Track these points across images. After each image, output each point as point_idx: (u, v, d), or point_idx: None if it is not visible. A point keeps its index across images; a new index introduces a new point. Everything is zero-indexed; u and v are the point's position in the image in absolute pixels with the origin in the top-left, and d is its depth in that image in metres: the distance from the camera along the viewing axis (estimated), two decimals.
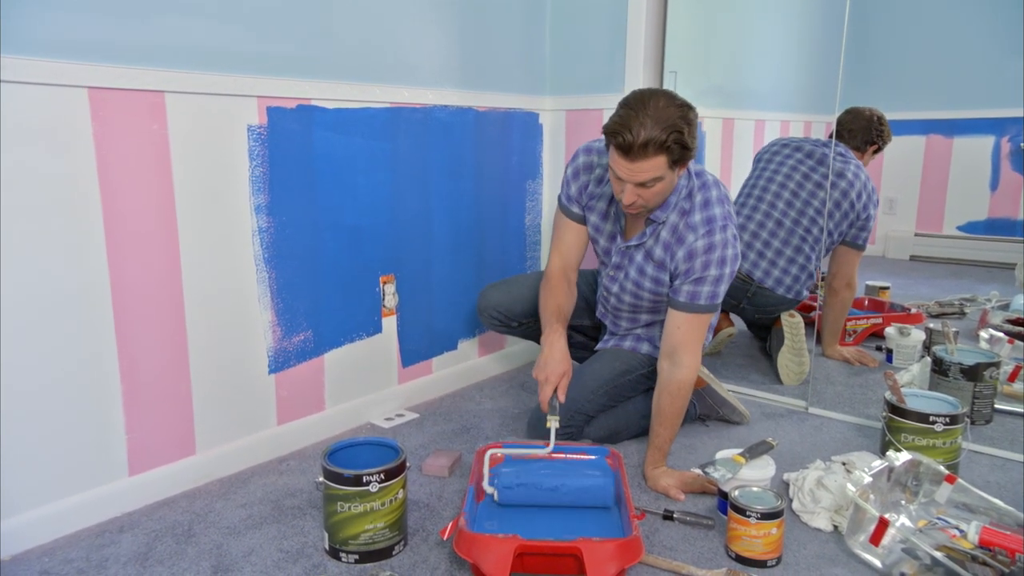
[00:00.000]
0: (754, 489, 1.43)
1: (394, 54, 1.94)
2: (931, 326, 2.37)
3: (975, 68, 2.33)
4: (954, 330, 2.08)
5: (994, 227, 2.43)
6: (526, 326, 1.97)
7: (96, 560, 1.38)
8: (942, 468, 1.48)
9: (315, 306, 1.86)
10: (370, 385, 2.05)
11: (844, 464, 1.59)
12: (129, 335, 1.52)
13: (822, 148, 2.31)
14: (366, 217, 1.94)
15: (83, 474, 1.49)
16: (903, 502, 1.47)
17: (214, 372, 1.68)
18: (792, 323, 2.26)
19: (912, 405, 1.70)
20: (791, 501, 1.55)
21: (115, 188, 1.45)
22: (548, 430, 1.57)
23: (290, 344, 1.82)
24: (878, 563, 1.33)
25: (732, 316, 2.53)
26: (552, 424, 1.57)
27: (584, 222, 1.79)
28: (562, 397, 1.62)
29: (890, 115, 2.40)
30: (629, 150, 1.44)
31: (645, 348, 1.85)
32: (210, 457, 1.69)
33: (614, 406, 1.85)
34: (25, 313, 1.36)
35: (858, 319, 2.51)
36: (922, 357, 2.24)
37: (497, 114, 2.27)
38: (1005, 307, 2.49)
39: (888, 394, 1.73)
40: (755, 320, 2.53)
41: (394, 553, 1.38)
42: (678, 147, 1.45)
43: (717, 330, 2.47)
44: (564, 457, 1.61)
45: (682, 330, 1.62)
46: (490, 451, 1.55)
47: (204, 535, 1.46)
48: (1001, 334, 2.24)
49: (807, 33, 2.66)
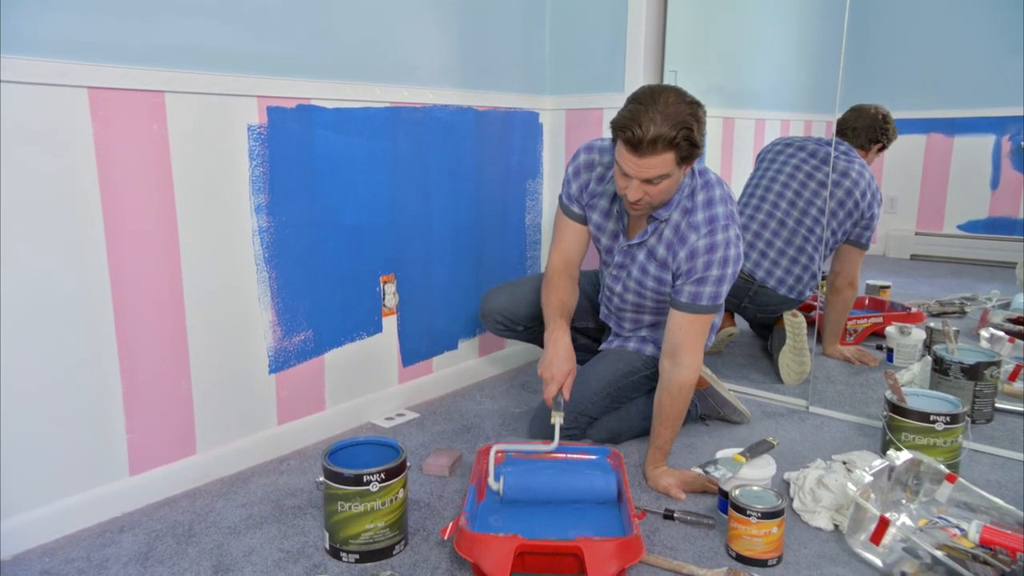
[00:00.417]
0: (755, 488, 1.43)
1: (394, 54, 1.94)
2: (932, 325, 2.37)
3: (976, 67, 2.33)
4: (955, 329, 2.08)
5: (995, 226, 2.43)
6: (531, 330, 1.96)
7: (97, 560, 1.38)
8: (943, 467, 1.48)
9: (315, 306, 1.86)
10: (370, 385, 2.05)
11: (845, 463, 1.59)
12: (129, 335, 1.52)
13: (825, 147, 2.30)
14: (366, 217, 1.94)
15: (84, 474, 1.49)
16: (904, 501, 1.47)
17: (214, 372, 1.68)
18: (794, 322, 2.26)
19: (913, 404, 1.70)
20: (792, 500, 1.55)
21: (115, 188, 1.45)
22: (552, 427, 1.57)
23: (290, 344, 1.82)
24: (879, 562, 1.33)
25: (734, 316, 2.53)
26: (556, 420, 1.57)
27: (585, 222, 1.78)
28: (567, 394, 1.61)
29: (891, 114, 2.40)
30: (638, 145, 1.43)
31: (649, 349, 1.84)
32: (210, 457, 1.69)
33: (617, 407, 1.84)
34: (25, 313, 1.37)
35: (859, 318, 2.51)
36: (923, 356, 2.24)
37: (497, 113, 2.27)
38: (1006, 306, 2.48)
39: (889, 393, 1.73)
40: (757, 319, 2.53)
41: (394, 553, 1.38)
42: (687, 144, 1.44)
43: (718, 329, 2.47)
44: (565, 457, 1.62)
45: (684, 330, 1.61)
46: (495, 447, 1.55)
47: (205, 535, 1.46)
48: (1002, 333, 2.24)
49: (807, 32, 2.66)
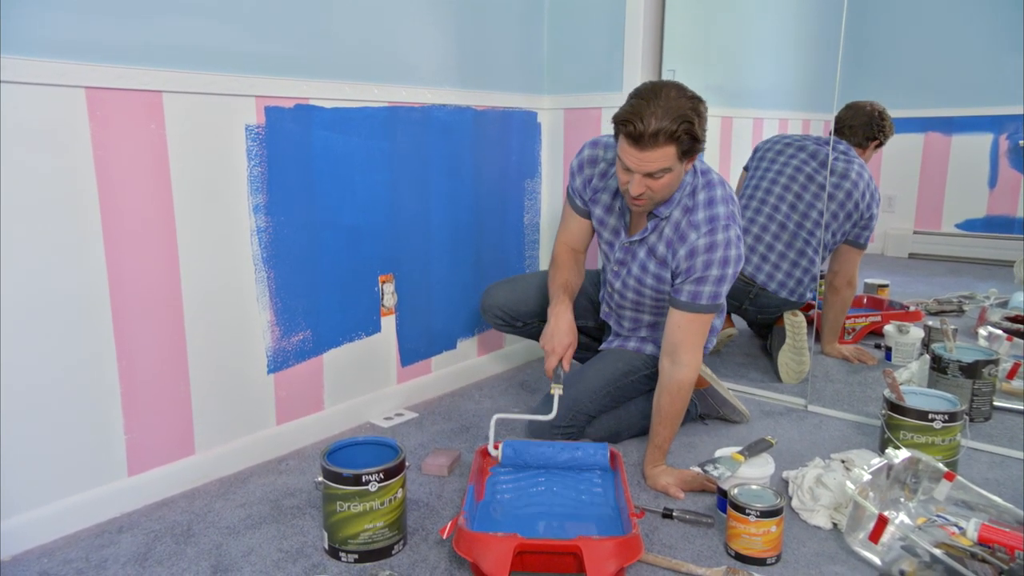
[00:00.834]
0: (753, 487, 1.43)
1: (392, 53, 1.94)
2: (930, 324, 2.37)
3: (974, 65, 2.33)
4: (953, 328, 2.08)
5: (993, 224, 2.43)
6: (529, 326, 1.97)
7: (95, 560, 1.38)
8: (941, 465, 1.48)
9: (314, 306, 1.86)
10: (369, 384, 2.05)
11: (843, 462, 1.60)
12: (128, 335, 1.51)
13: (824, 148, 2.30)
14: (365, 216, 1.94)
15: (82, 474, 1.49)
16: (902, 499, 1.47)
17: (213, 372, 1.67)
18: (794, 322, 2.26)
19: (911, 403, 1.70)
20: (790, 499, 1.55)
21: (113, 188, 1.45)
22: (552, 397, 1.60)
23: (289, 344, 1.82)
24: (877, 560, 1.33)
25: (733, 316, 2.53)
26: (556, 391, 1.59)
27: (588, 216, 1.79)
28: (567, 367, 1.63)
29: (889, 112, 2.40)
30: (640, 139, 1.44)
31: (649, 349, 1.85)
32: (209, 457, 1.69)
33: (616, 406, 1.85)
34: (24, 313, 1.36)
35: (857, 317, 2.51)
36: (921, 355, 2.24)
37: (496, 113, 2.27)
38: (1004, 304, 2.48)
39: (887, 392, 1.73)
40: (757, 320, 2.53)
41: (393, 552, 1.38)
42: (688, 138, 1.45)
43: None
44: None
45: (683, 329, 1.62)
46: (496, 415, 1.60)
47: (203, 535, 1.46)
48: (1000, 331, 2.24)
49: (805, 31, 2.66)
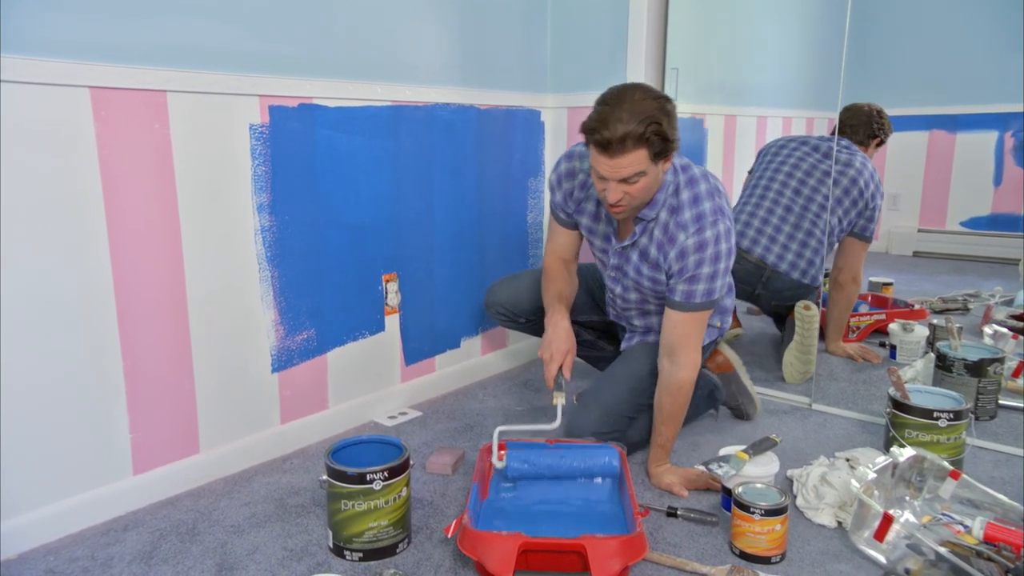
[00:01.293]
0: (758, 486, 1.43)
1: (395, 52, 1.94)
2: (935, 322, 2.36)
3: (978, 63, 2.33)
4: (958, 326, 2.08)
5: (997, 223, 2.43)
6: (532, 322, 1.96)
7: (101, 559, 1.38)
8: (946, 464, 1.47)
9: (318, 305, 1.86)
10: (373, 383, 2.05)
11: (848, 460, 1.59)
12: (132, 334, 1.52)
13: (828, 142, 2.31)
14: (368, 215, 1.94)
15: (87, 473, 1.49)
16: (907, 498, 1.47)
17: (217, 371, 1.68)
18: (807, 316, 2.21)
19: (916, 401, 1.70)
20: (795, 497, 1.55)
21: (117, 187, 1.45)
22: (555, 407, 1.58)
23: (293, 343, 1.82)
24: (882, 559, 1.33)
25: (740, 317, 2.52)
26: (558, 401, 1.58)
27: (575, 227, 1.78)
28: (567, 374, 1.62)
29: (892, 111, 2.39)
30: (608, 146, 1.42)
31: None
32: (214, 456, 1.69)
33: (651, 403, 1.82)
34: (29, 312, 1.37)
35: (862, 315, 2.50)
36: (926, 353, 2.23)
37: (499, 112, 2.27)
38: (1009, 303, 2.48)
39: (892, 390, 1.73)
40: (772, 308, 2.48)
41: (398, 551, 1.38)
42: (658, 139, 1.42)
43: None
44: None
45: (679, 329, 1.61)
46: (499, 428, 1.56)
47: (208, 534, 1.46)
48: (1005, 329, 2.24)
49: (809, 29, 2.66)
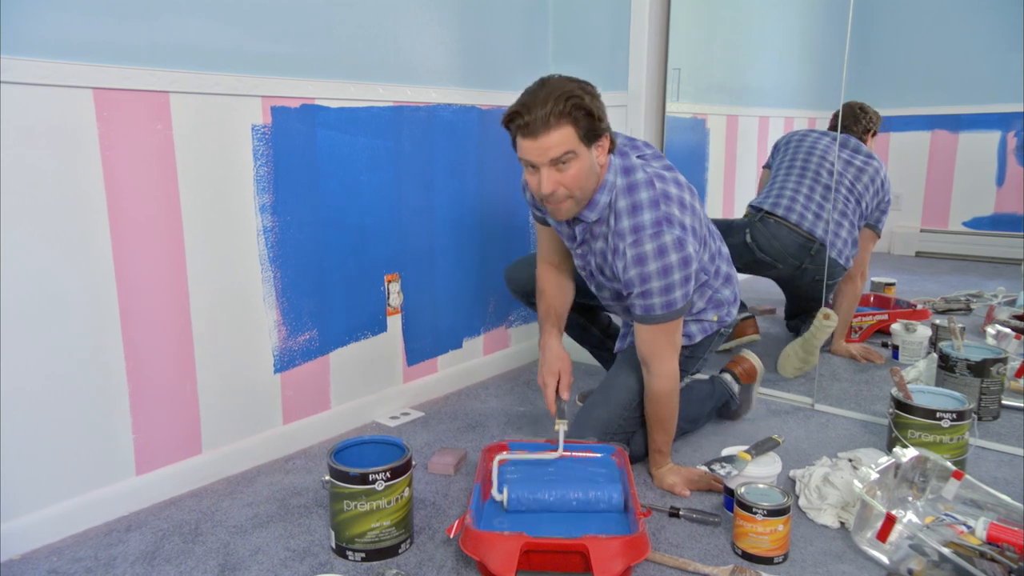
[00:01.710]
0: (760, 486, 1.43)
1: (397, 53, 1.94)
2: (937, 322, 2.36)
3: (980, 62, 2.32)
4: (960, 326, 2.08)
5: (1000, 222, 2.42)
6: None
7: (104, 559, 1.38)
8: (949, 464, 1.47)
9: (320, 305, 1.86)
10: (375, 384, 2.05)
11: (851, 461, 1.59)
12: (135, 335, 1.52)
13: (844, 136, 2.34)
14: (370, 216, 1.94)
15: (90, 474, 1.49)
16: (910, 498, 1.46)
17: (220, 372, 1.68)
18: (824, 325, 2.17)
19: (919, 401, 1.69)
20: (797, 498, 1.55)
21: (120, 188, 1.46)
22: (556, 433, 1.57)
23: (295, 343, 1.82)
24: (885, 559, 1.33)
25: (758, 322, 2.53)
26: (560, 427, 1.57)
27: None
28: (565, 395, 1.63)
29: (895, 110, 2.40)
30: (530, 127, 1.38)
31: None
32: (216, 456, 1.70)
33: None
34: (33, 314, 1.37)
35: (864, 315, 2.50)
36: (928, 353, 2.23)
37: (501, 112, 2.26)
38: (1011, 303, 2.47)
39: (894, 390, 1.73)
40: (809, 290, 2.39)
41: (400, 551, 1.39)
42: (582, 114, 1.39)
43: (740, 334, 2.46)
44: (571, 456, 1.60)
45: (648, 343, 1.57)
46: (498, 456, 1.54)
47: (211, 534, 1.47)
48: (1008, 330, 2.23)
49: (810, 29, 2.65)
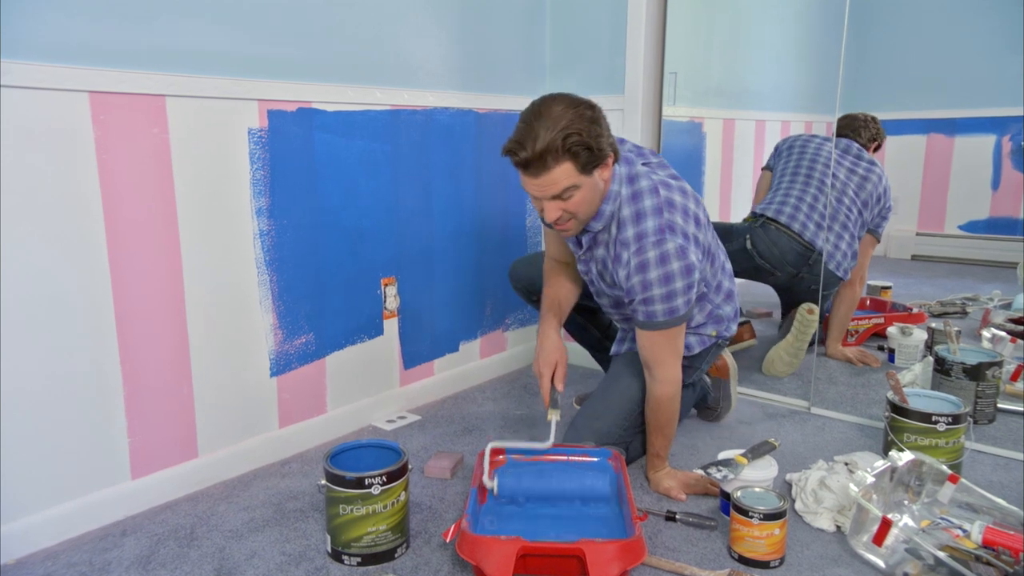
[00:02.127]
0: (756, 490, 1.43)
1: (394, 56, 1.95)
2: (933, 326, 2.36)
3: (976, 66, 2.33)
4: (956, 329, 2.08)
5: (996, 226, 2.43)
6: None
7: (99, 563, 1.38)
8: (945, 468, 1.47)
9: (316, 309, 1.86)
10: (372, 387, 2.05)
11: (847, 464, 1.59)
12: (131, 339, 1.52)
13: (846, 142, 2.36)
14: (367, 219, 1.94)
15: (85, 478, 1.49)
16: (906, 502, 1.47)
17: (216, 375, 1.68)
18: (808, 320, 2.20)
19: (915, 405, 1.70)
20: (794, 502, 1.55)
21: (116, 192, 1.45)
22: (549, 423, 1.57)
23: (291, 347, 1.82)
24: (881, 563, 1.33)
25: (755, 326, 2.53)
26: (553, 417, 1.58)
27: None
28: (560, 386, 1.63)
29: (891, 114, 2.40)
30: (528, 166, 1.36)
31: None
32: (212, 460, 1.69)
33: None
34: (28, 317, 1.37)
35: (860, 319, 2.50)
36: (924, 357, 2.24)
37: (498, 116, 2.27)
38: (1007, 306, 2.48)
39: (890, 394, 1.73)
40: (805, 295, 2.41)
41: (396, 555, 1.38)
42: (581, 149, 1.35)
43: (737, 339, 2.46)
44: (567, 460, 1.60)
45: (650, 348, 1.57)
46: (491, 444, 1.54)
47: (206, 538, 1.46)
48: (1003, 333, 2.24)
49: (807, 33, 2.66)
